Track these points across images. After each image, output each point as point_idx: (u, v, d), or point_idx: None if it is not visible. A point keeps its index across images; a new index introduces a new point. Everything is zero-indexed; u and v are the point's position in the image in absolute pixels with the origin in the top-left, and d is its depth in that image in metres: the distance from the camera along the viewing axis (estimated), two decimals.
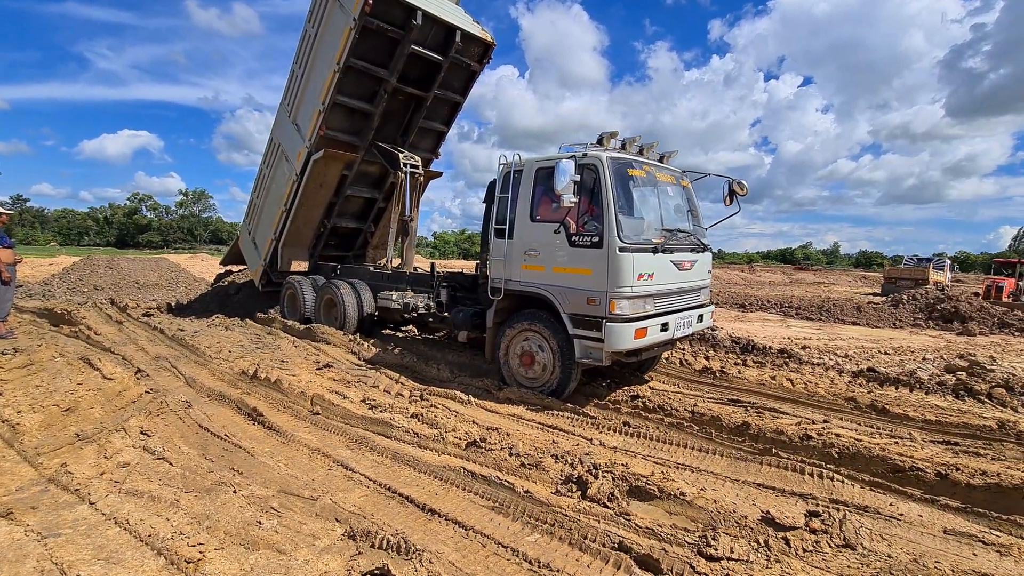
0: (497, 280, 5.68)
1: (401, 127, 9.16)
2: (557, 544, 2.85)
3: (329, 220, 9.56)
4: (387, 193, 9.70)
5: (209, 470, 3.57)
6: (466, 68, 8.62)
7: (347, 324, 8.16)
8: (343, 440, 4.24)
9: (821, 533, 2.91)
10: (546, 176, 5.27)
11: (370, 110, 8.38)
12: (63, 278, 13.18)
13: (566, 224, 5.11)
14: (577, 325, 5.03)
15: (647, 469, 3.72)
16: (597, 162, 5.00)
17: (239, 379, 5.72)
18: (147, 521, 2.88)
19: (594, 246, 4.94)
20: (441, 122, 9.53)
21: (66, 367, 5.50)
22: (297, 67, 8.53)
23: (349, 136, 8.60)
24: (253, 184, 9.97)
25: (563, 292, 5.14)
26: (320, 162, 8.14)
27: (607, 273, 4.82)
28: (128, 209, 76.24)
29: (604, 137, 5.38)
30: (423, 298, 7.49)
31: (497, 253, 5.70)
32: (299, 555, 2.64)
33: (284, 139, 8.94)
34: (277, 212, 9.03)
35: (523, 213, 5.51)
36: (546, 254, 5.30)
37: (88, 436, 3.99)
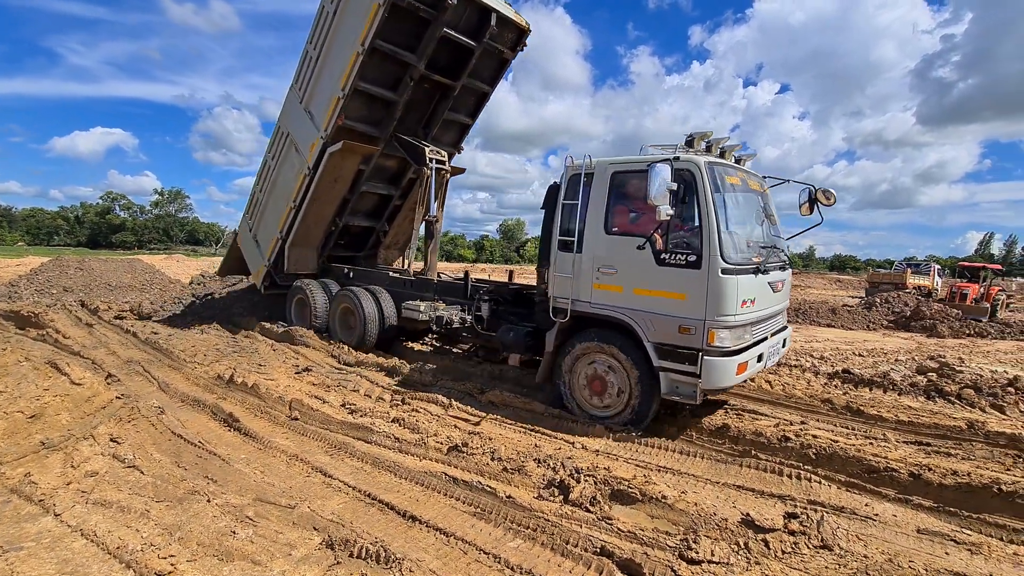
0: (562, 300, 4.97)
1: (424, 118, 8.37)
2: (539, 550, 2.84)
3: (341, 218, 8.76)
4: (404, 190, 9.04)
5: (182, 478, 3.47)
6: (498, 55, 7.86)
7: (367, 337, 7.39)
8: (322, 446, 4.17)
9: (799, 534, 2.94)
10: (624, 181, 4.75)
11: (393, 99, 7.61)
12: (31, 279, 12.73)
13: (652, 239, 4.47)
14: (664, 356, 4.39)
15: (629, 472, 3.73)
16: (694, 167, 4.33)
17: (215, 384, 5.59)
18: (116, 533, 2.78)
19: (690, 266, 4.28)
20: (466, 114, 8.68)
21: (32, 372, 5.29)
22: (311, 48, 7.60)
23: (368, 127, 7.81)
24: (256, 176, 9.06)
25: (647, 318, 4.47)
26: (337, 155, 7.34)
27: (706, 298, 4.18)
28: (101, 208, 74.13)
29: (695, 138, 4.70)
30: (455, 310, 6.76)
31: (562, 269, 4.97)
32: (275, 566, 2.57)
33: (294, 128, 8.07)
34: (285, 208, 8.21)
35: (595, 224, 4.80)
36: (625, 273, 4.62)
37: (54, 444, 3.85)
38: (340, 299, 7.87)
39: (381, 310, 7.50)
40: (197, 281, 13.32)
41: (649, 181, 4.02)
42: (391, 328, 7.53)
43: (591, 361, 4.89)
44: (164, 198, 78.70)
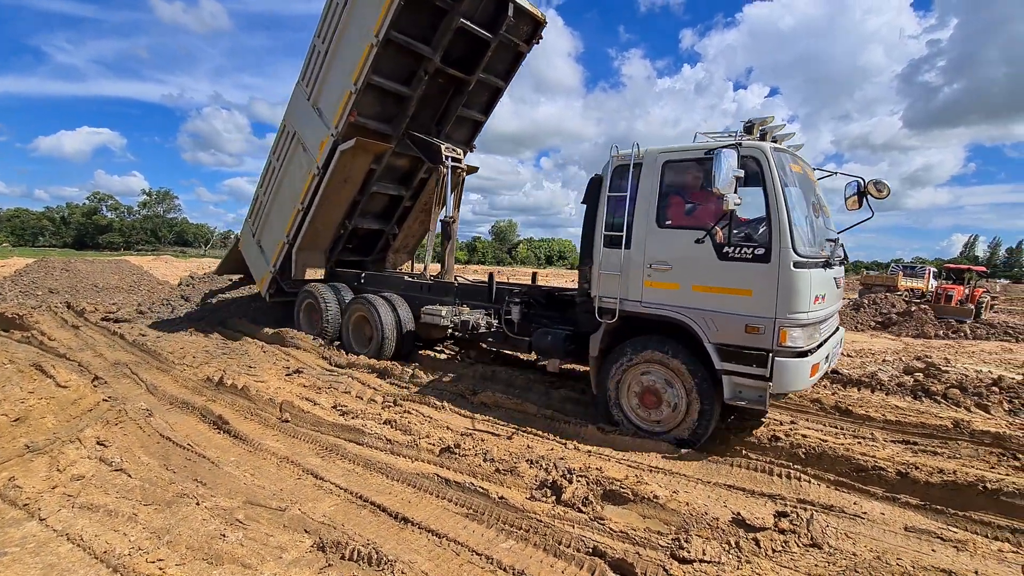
0: (608, 299, 4.65)
1: (437, 115, 8.06)
2: (532, 550, 2.84)
3: (351, 221, 8.41)
4: (415, 191, 8.77)
5: (171, 481, 3.43)
6: (513, 48, 7.56)
7: (385, 347, 6.99)
8: (313, 448, 4.14)
9: (789, 533, 2.97)
10: (678, 171, 4.50)
11: (407, 94, 7.30)
12: (15, 281, 12.53)
13: (712, 232, 4.17)
14: (728, 358, 4.08)
15: (621, 473, 3.74)
16: (760, 154, 4.04)
17: (204, 386, 5.53)
18: (102, 537, 2.75)
19: (757, 260, 3.99)
20: (480, 110, 8.38)
21: (16, 374, 5.20)
22: (319, 41, 7.28)
23: (381, 124, 7.51)
24: (259, 179, 8.70)
25: (707, 317, 4.16)
26: (348, 153, 7.01)
27: (777, 295, 3.89)
28: (87, 209, 73.21)
29: (755, 124, 4.38)
30: (480, 314, 6.40)
31: (609, 266, 4.64)
32: (265, 569, 2.55)
33: (301, 126, 7.72)
34: (292, 211, 7.84)
35: (646, 218, 4.49)
36: (682, 269, 4.32)
37: (39, 447, 3.79)
38: (354, 307, 7.47)
39: (398, 317, 7.11)
40: (186, 283, 13.16)
41: (714, 168, 3.73)
42: (409, 336, 7.19)
43: (643, 370, 4.51)
44: (152, 199, 77.94)
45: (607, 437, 4.48)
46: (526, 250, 74.59)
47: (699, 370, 4.24)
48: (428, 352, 7.57)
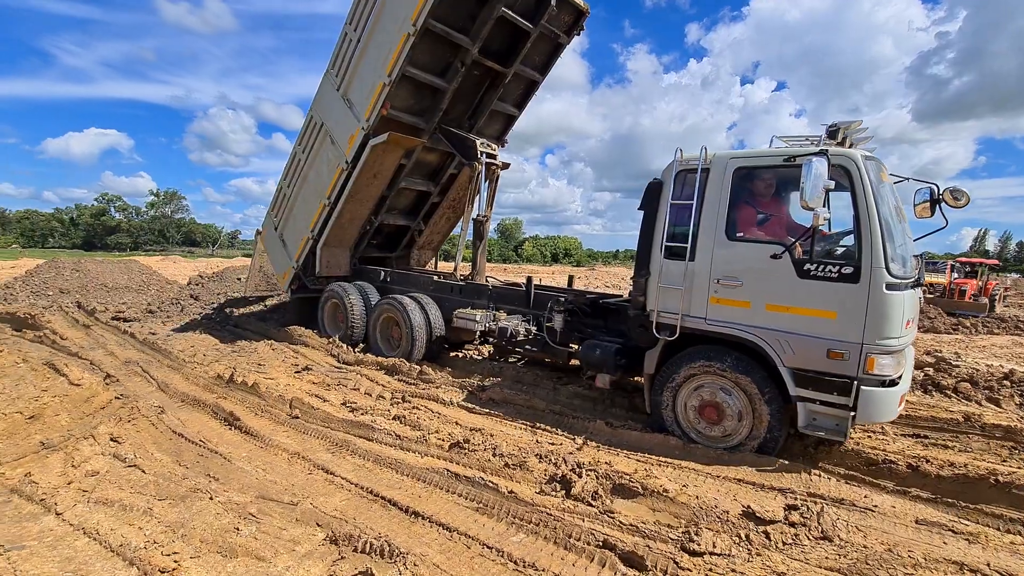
0: (668, 315, 4.35)
1: (470, 109, 7.79)
2: (542, 544, 2.85)
3: (377, 216, 8.21)
4: (443, 186, 8.59)
5: (184, 477, 3.47)
6: (553, 39, 7.30)
7: (415, 351, 6.75)
8: (323, 444, 4.17)
9: (800, 526, 2.97)
10: (751, 178, 4.21)
11: (442, 86, 7.03)
12: (26, 281, 12.67)
13: (791, 247, 3.86)
14: (804, 384, 3.80)
15: (630, 467, 3.75)
16: (850, 163, 3.73)
17: (214, 383, 5.58)
18: (118, 531, 2.79)
19: (844, 279, 3.68)
20: (514, 104, 8.09)
21: (30, 373, 5.28)
22: (351, 29, 6.96)
23: (414, 117, 7.24)
24: (283, 172, 8.40)
25: (783, 340, 3.85)
26: (379, 148, 6.78)
27: (865, 318, 3.59)
28: (96, 210, 73.77)
29: (840, 128, 4.05)
30: (518, 320, 6.11)
31: (669, 279, 4.35)
32: (279, 562, 2.58)
33: (330, 118, 7.41)
34: (317, 205, 7.61)
35: (713, 228, 4.17)
36: (754, 286, 4.00)
37: (54, 444, 3.84)
38: (382, 308, 7.20)
39: (429, 320, 6.83)
40: (195, 282, 13.27)
41: (803, 179, 3.42)
42: (439, 340, 6.92)
43: (704, 381, 4.24)
44: (160, 199, 78.43)
45: (616, 432, 4.48)
46: (532, 248, 74.55)
47: (769, 393, 3.96)
48: (453, 353, 7.48)
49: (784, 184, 4.35)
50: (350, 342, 7.43)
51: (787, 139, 4.35)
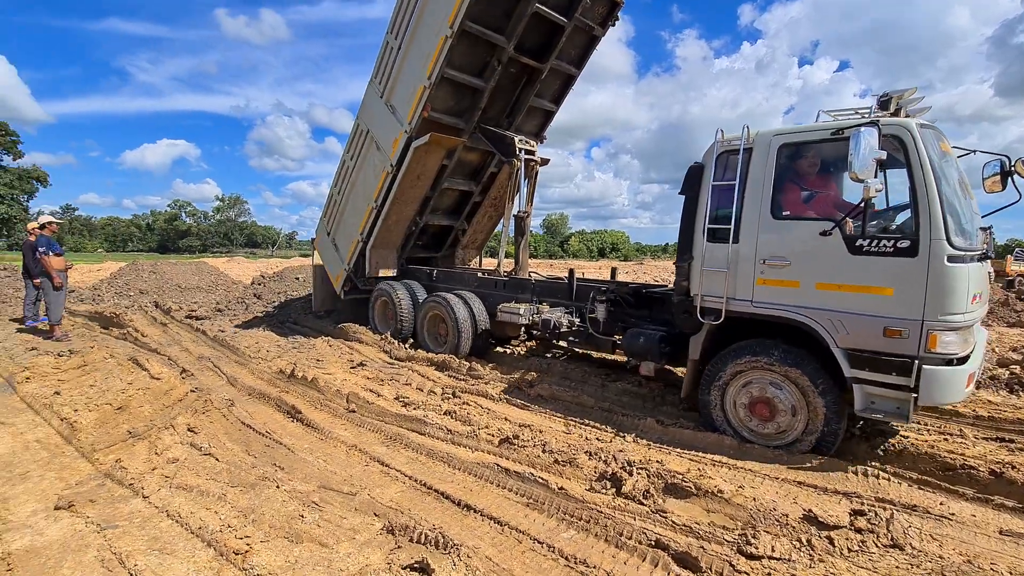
0: (712, 298, 4.28)
1: (508, 107, 7.93)
2: (593, 541, 2.85)
3: (422, 217, 8.48)
4: (484, 185, 8.75)
5: (252, 465, 3.70)
6: (587, 32, 7.31)
7: (461, 346, 6.90)
8: (378, 437, 4.33)
9: (867, 532, 2.82)
10: (797, 155, 4.08)
11: (480, 86, 7.19)
12: (111, 283, 13.82)
13: (842, 223, 3.71)
14: (860, 365, 3.65)
15: (683, 466, 3.68)
16: (904, 132, 3.56)
17: (277, 378, 5.90)
18: (197, 514, 3.01)
19: (900, 253, 3.51)
20: (551, 100, 8.18)
21: (117, 367, 5.78)
22: (392, 37, 7.24)
23: (453, 118, 7.45)
24: (333, 179, 8.87)
25: (836, 319, 3.72)
26: (422, 149, 7.02)
27: (925, 293, 3.42)
28: (169, 215, 79.41)
29: (892, 97, 3.91)
30: (561, 312, 6.18)
31: (712, 262, 4.28)
32: (341, 548, 2.71)
33: (375, 124, 7.75)
34: (365, 209, 7.96)
35: (757, 208, 4.07)
36: (803, 264, 3.88)
37: (139, 433, 4.19)
38: (429, 305, 7.44)
39: (474, 316, 7.01)
40: (258, 282, 14.04)
41: (852, 150, 3.28)
42: (484, 334, 7.07)
43: (752, 377, 4.12)
44: (225, 204, 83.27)
45: (667, 430, 4.40)
46: (578, 243, 73.92)
47: (822, 377, 3.82)
48: (500, 349, 7.60)
49: (832, 159, 4.15)
50: (400, 338, 7.71)
51: (834, 112, 4.16)
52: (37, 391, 5.13)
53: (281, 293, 12.61)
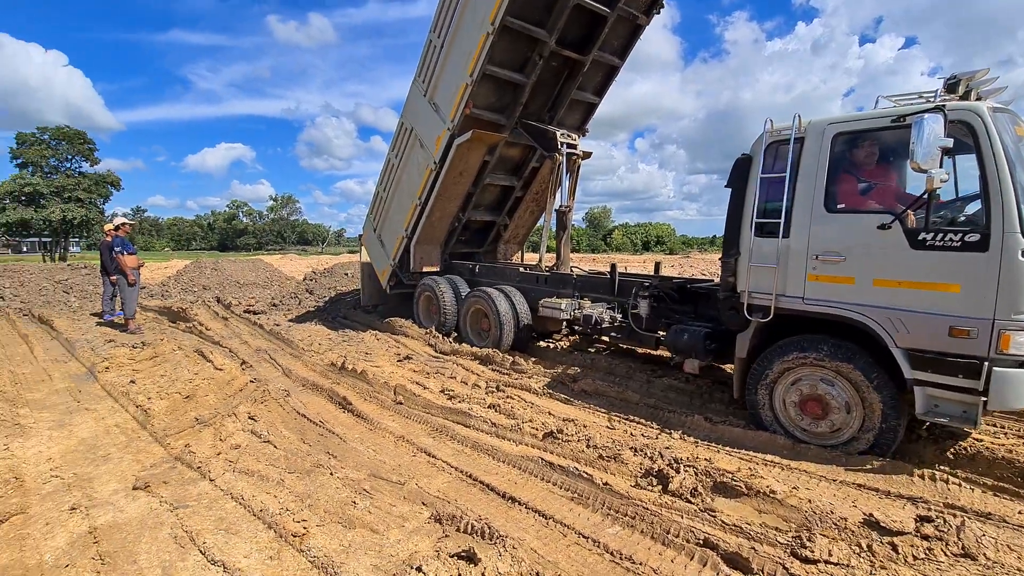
0: (760, 295, 4.14)
1: (549, 101, 7.88)
2: (639, 537, 2.82)
3: (464, 213, 8.60)
4: (525, 181, 8.78)
5: (308, 453, 3.88)
6: (631, 21, 7.16)
7: (503, 340, 6.99)
8: (425, 428, 4.44)
9: (935, 540, 2.66)
10: (854, 144, 3.87)
11: (521, 81, 7.17)
12: (177, 280, 14.76)
13: (903, 216, 3.51)
14: (922, 366, 3.45)
15: (732, 465, 3.58)
16: (974, 118, 3.33)
17: (329, 370, 6.14)
18: (258, 497, 3.19)
19: (969, 248, 3.29)
20: (593, 92, 8.06)
21: (184, 359, 6.17)
22: (435, 36, 7.34)
23: (495, 114, 7.50)
24: (379, 177, 9.07)
25: (895, 317, 3.51)
26: (463, 146, 7.11)
27: (996, 290, 3.19)
28: (227, 215, 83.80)
29: (960, 80, 3.70)
30: (603, 308, 6.12)
31: (761, 258, 4.15)
32: (391, 535, 2.81)
33: (418, 123, 7.89)
34: (410, 206, 8.12)
35: (809, 201, 3.91)
36: (859, 260, 3.69)
37: (205, 420, 4.47)
38: (471, 300, 7.56)
39: (516, 310, 7.05)
40: (309, 278, 14.62)
41: (914, 138, 3.12)
42: (526, 328, 7.09)
43: (801, 374, 3.97)
44: (278, 204, 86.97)
45: (715, 428, 4.29)
46: (621, 236, 72.70)
47: (876, 371, 3.64)
48: (542, 343, 7.58)
49: (891, 148, 3.90)
50: (443, 332, 7.85)
51: (895, 98, 3.92)
52: (115, 380, 5.55)
53: (331, 288, 13.08)
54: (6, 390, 5.26)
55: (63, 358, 6.78)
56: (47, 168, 42.25)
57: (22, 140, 41.70)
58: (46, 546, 2.72)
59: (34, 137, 41.78)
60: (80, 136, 43.26)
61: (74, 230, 42.70)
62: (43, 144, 41.94)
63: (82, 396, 5.22)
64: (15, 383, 5.62)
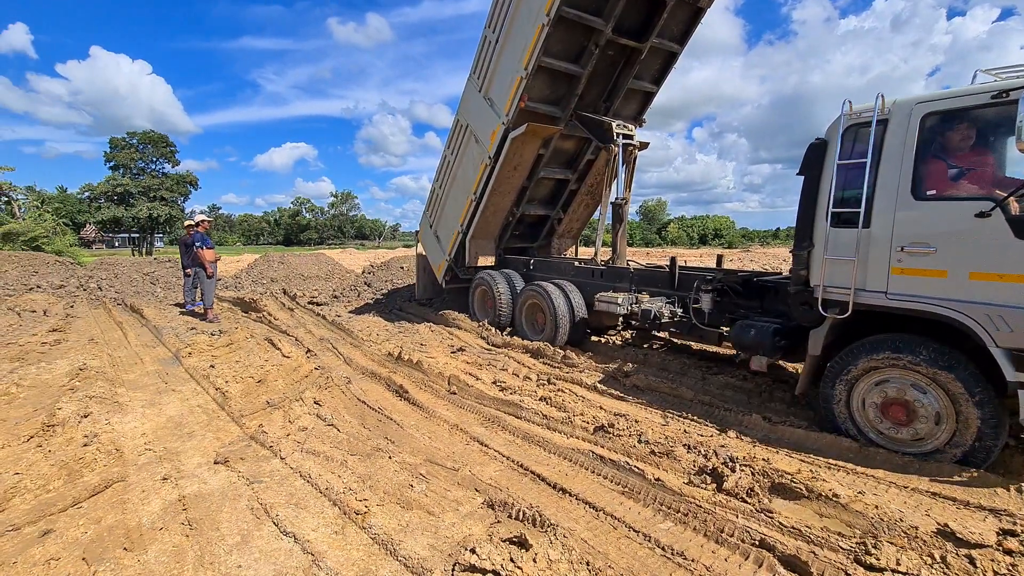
0: (837, 289, 3.93)
1: (605, 91, 7.70)
2: (691, 534, 2.80)
3: (518, 207, 8.63)
4: (581, 173, 8.73)
5: (368, 437, 4.09)
6: (691, 5, 6.91)
7: (559, 335, 6.92)
8: (477, 418, 4.55)
9: (1019, 556, 2.48)
10: (946, 125, 3.57)
11: (577, 72, 7.06)
12: (248, 272, 15.77)
13: (1005, 203, 3.23)
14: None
15: (792, 466, 3.46)
16: None
17: (386, 360, 6.40)
18: (324, 476, 3.41)
19: None
20: (651, 81, 7.81)
21: (256, 346, 6.62)
22: (490, 32, 7.36)
23: (550, 107, 7.43)
24: (435, 174, 9.24)
25: (995, 314, 3.23)
26: (518, 140, 7.09)
27: None
28: (292, 211, 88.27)
29: None
30: (662, 302, 5.93)
31: (837, 249, 3.94)
32: (446, 518, 2.93)
33: (474, 118, 7.96)
34: (465, 201, 8.25)
35: (894, 187, 3.66)
36: (952, 251, 3.42)
37: (275, 404, 4.79)
38: (526, 295, 7.52)
39: (571, 305, 6.98)
40: (367, 271, 15.20)
41: (1021, 116, 2.92)
42: (581, 323, 7.01)
43: (889, 375, 3.71)
44: (338, 200, 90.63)
45: (774, 428, 4.15)
46: (677, 229, 70.54)
47: (980, 385, 3.36)
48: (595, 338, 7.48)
49: (992, 128, 3.55)
50: (498, 326, 7.95)
51: (996, 71, 3.59)
52: (197, 364, 6.05)
53: (387, 281, 13.56)
54: (106, 371, 5.86)
55: (152, 343, 7.44)
56: (135, 170, 46.20)
57: (114, 144, 45.77)
58: (143, 510, 3.04)
59: (124, 141, 45.75)
60: (163, 139, 46.93)
61: (159, 227, 46.50)
62: (132, 148, 45.86)
63: (169, 378, 5.73)
64: (113, 365, 6.24)
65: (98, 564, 2.53)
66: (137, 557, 2.60)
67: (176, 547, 2.70)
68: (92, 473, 3.41)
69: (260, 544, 2.72)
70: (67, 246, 23.41)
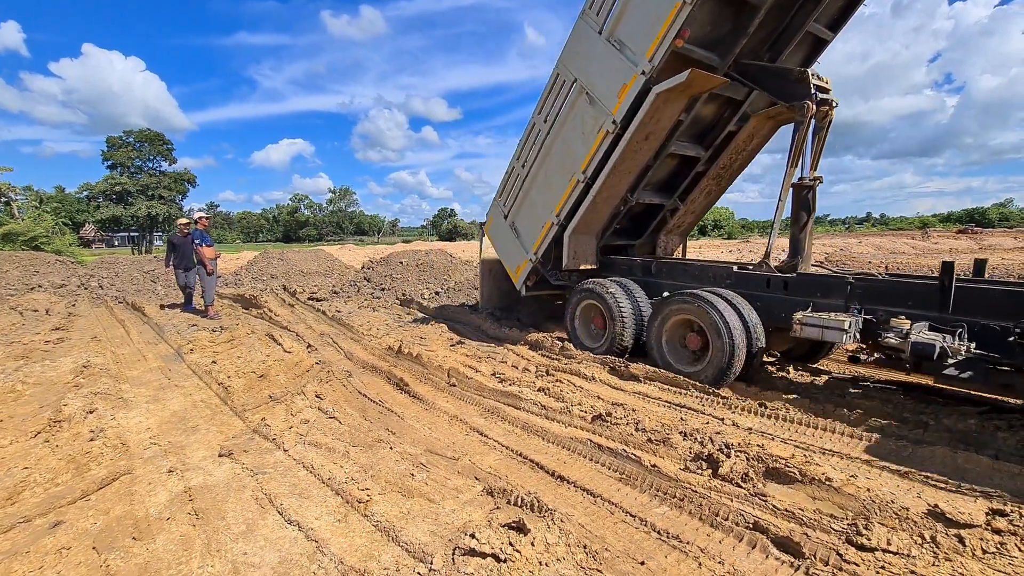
0: None
1: (773, 35, 5.89)
2: (687, 518, 2.86)
3: (633, 194, 6.71)
4: (715, 150, 6.77)
5: (369, 429, 4.15)
6: None
7: (732, 366, 4.84)
8: (477, 409, 4.61)
9: (1008, 534, 2.54)
10: None
11: (754, 2, 5.26)
12: (248, 269, 15.82)
13: None
14: None
15: (786, 451, 3.51)
16: None
17: (387, 353, 6.45)
18: (326, 467, 3.46)
19: None
20: (827, 24, 5.96)
21: (257, 342, 6.68)
22: None
23: (707, 52, 5.54)
24: (516, 148, 7.10)
25: None
26: (662, 97, 5.23)
27: None
28: (290, 208, 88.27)
29: None
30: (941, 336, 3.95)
31: None
32: (446, 505, 2.99)
33: (588, 71, 5.92)
34: (566, 184, 6.32)
35: None
36: None
37: (278, 398, 4.85)
38: (671, 309, 5.37)
39: (747, 326, 4.93)
40: (367, 267, 15.24)
41: None
42: (759, 352, 4.99)
43: None
44: (336, 196, 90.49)
45: (769, 416, 4.20)
46: None
47: None
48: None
49: None
50: (616, 352, 6.00)
51: None
52: (199, 360, 6.11)
53: (387, 276, 13.60)
54: (110, 368, 5.91)
55: (154, 340, 7.50)
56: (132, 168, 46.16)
57: (112, 143, 45.68)
58: (150, 501, 3.10)
59: (121, 140, 45.66)
60: (160, 137, 46.82)
61: (158, 225, 46.51)
62: (129, 146, 45.77)
63: (172, 374, 5.79)
64: (116, 362, 6.30)
65: (108, 553, 2.59)
66: (146, 546, 2.67)
67: (183, 536, 2.76)
68: (99, 467, 3.47)
69: (265, 532, 2.78)
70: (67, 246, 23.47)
